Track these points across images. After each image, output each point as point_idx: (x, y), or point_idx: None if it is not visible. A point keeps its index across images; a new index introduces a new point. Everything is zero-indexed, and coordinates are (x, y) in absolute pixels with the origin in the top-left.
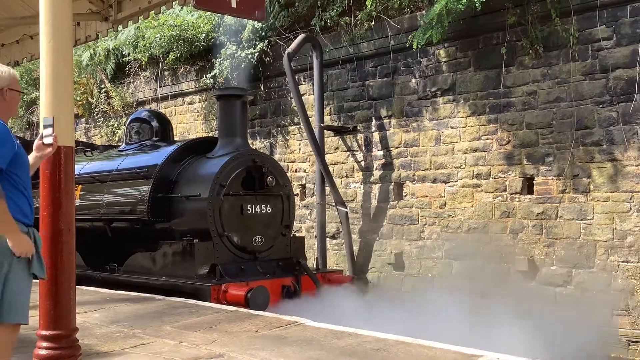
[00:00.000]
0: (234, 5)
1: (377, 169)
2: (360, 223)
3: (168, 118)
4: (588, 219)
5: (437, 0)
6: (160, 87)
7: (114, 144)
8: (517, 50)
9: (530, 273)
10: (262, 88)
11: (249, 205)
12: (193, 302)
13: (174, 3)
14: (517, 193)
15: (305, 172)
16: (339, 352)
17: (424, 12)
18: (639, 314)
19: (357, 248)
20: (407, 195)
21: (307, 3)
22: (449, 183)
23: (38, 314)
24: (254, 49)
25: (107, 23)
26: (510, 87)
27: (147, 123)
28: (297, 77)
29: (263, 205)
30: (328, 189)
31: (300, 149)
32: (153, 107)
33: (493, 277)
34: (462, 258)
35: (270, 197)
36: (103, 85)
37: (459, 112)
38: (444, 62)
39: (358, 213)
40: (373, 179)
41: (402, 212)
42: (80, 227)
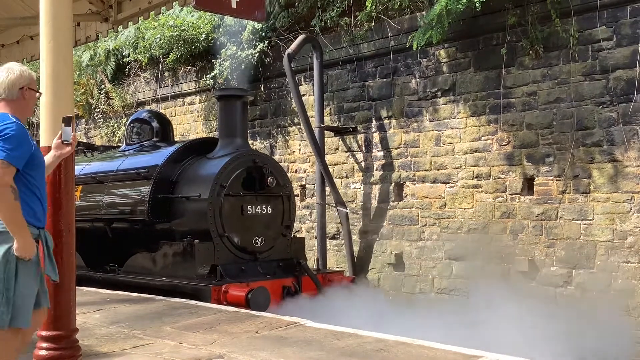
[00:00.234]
0: (234, 6)
1: (377, 170)
2: (361, 224)
3: (168, 119)
4: (588, 220)
5: (437, 1)
6: (161, 87)
7: (114, 145)
8: (517, 51)
9: (531, 273)
10: (262, 89)
11: (250, 206)
12: (193, 302)
13: (174, 4)
14: (517, 193)
15: (306, 172)
16: (339, 352)
17: (424, 12)
18: (639, 315)
19: (357, 249)
20: (407, 196)
21: (307, 4)
22: (449, 184)
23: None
24: (254, 50)
25: (107, 24)
26: (511, 87)
27: (147, 124)
28: (297, 77)
29: (263, 206)
30: (328, 190)
31: (301, 150)
32: (153, 107)
33: (493, 277)
34: (462, 259)
35: (271, 197)
36: (103, 86)
37: (459, 112)
38: (444, 62)
39: (358, 214)
40: (373, 180)
41: (402, 212)
42: (81, 227)
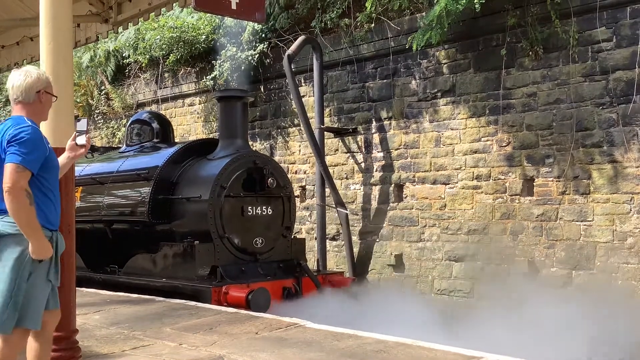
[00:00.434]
0: (234, 7)
1: (377, 171)
2: (360, 224)
3: (169, 120)
4: (588, 221)
5: (436, 2)
6: (161, 88)
7: (114, 146)
8: (517, 52)
9: (531, 274)
10: (262, 90)
11: (250, 207)
12: (193, 303)
13: (174, 5)
14: (517, 194)
15: (305, 173)
16: (339, 353)
17: (424, 13)
18: None
19: (357, 250)
20: (407, 197)
21: (307, 5)
22: (449, 184)
23: None
24: (254, 51)
25: (107, 25)
26: (510, 88)
27: (147, 125)
28: (297, 78)
29: (264, 207)
30: (328, 191)
31: (300, 151)
32: (153, 108)
33: (493, 278)
34: (462, 259)
35: (271, 198)
36: (103, 87)
37: (459, 113)
38: (444, 63)
39: (358, 214)
40: (373, 181)
41: (402, 213)
42: (81, 228)
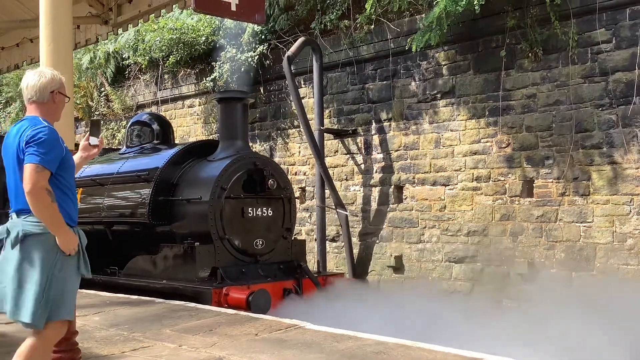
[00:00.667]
0: (234, 9)
1: (376, 172)
2: (360, 226)
3: (169, 121)
4: (588, 222)
5: (436, 4)
6: (160, 90)
7: (114, 147)
8: (516, 53)
9: (530, 276)
10: (262, 91)
11: (250, 208)
12: (193, 305)
13: (174, 6)
14: (517, 196)
15: (305, 175)
16: (339, 355)
17: (424, 15)
18: None
19: (357, 251)
20: (407, 198)
21: (307, 6)
22: (449, 186)
23: None
24: (254, 52)
25: (107, 26)
26: (510, 90)
27: (148, 126)
28: (296, 80)
29: (264, 208)
30: (328, 192)
31: (300, 152)
32: (153, 110)
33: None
34: (462, 261)
35: (272, 200)
36: (103, 89)
37: (459, 115)
38: (444, 65)
39: (358, 216)
40: (373, 182)
41: (402, 215)
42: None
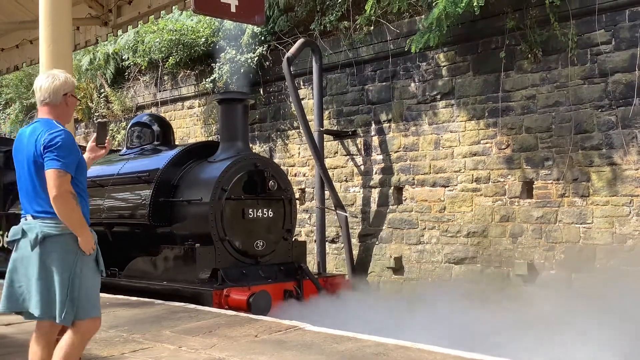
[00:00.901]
0: (234, 10)
1: (376, 173)
2: (360, 227)
3: (169, 122)
4: (587, 223)
5: (435, 5)
6: (160, 91)
7: (114, 148)
8: (516, 55)
9: (530, 277)
10: (261, 92)
11: (251, 210)
12: (192, 306)
13: (174, 8)
14: (516, 197)
15: (305, 176)
16: (339, 356)
17: (423, 16)
18: None
19: (356, 252)
20: (406, 200)
21: (306, 8)
22: (449, 187)
23: None
24: (254, 54)
25: (106, 28)
26: (510, 91)
27: (148, 127)
28: (296, 81)
29: (265, 210)
30: (327, 193)
31: (300, 153)
32: (153, 111)
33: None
34: (461, 262)
35: (272, 201)
36: (103, 90)
37: (458, 116)
38: (443, 66)
39: (357, 217)
40: (372, 183)
41: (401, 216)
42: None
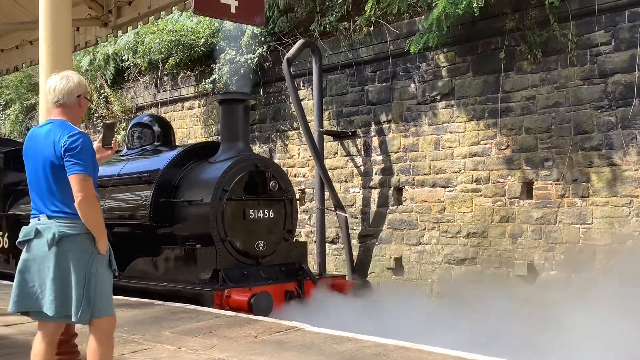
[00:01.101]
0: (234, 11)
1: (376, 174)
2: (360, 228)
3: (170, 123)
4: (587, 224)
5: (435, 5)
6: (160, 92)
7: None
8: (515, 55)
9: (530, 278)
10: (261, 93)
11: (252, 210)
12: (192, 307)
13: (174, 8)
14: (516, 198)
15: (305, 177)
16: (339, 357)
17: (423, 17)
18: None
19: (356, 253)
20: (406, 200)
21: (306, 8)
22: (448, 188)
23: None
24: (254, 54)
25: (106, 28)
26: (509, 92)
27: (148, 128)
28: (296, 82)
29: (265, 210)
30: (327, 194)
31: (300, 154)
32: (153, 112)
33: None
34: (461, 263)
35: (273, 201)
36: (102, 91)
37: (458, 117)
38: (443, 67)
39: (357, 218)
40: (372, 184)
41: (401, 216)
42: None
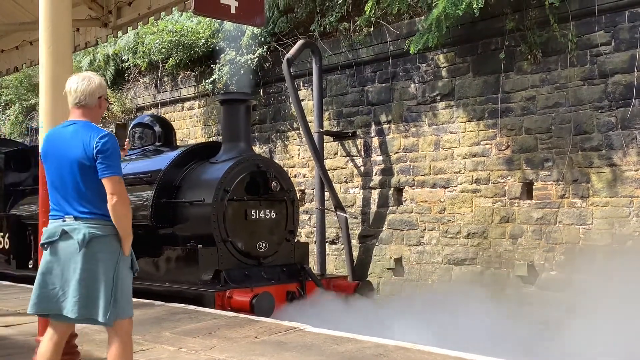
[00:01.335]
0: (234, 11)
1: (376, 174)
2: (360, 228)
3: (171, 123)
4: (587, 224)
5: (435, 6)
6: (160, 92)
7: None
8: (515, 56)
9: (530, 278)
10: (261, 93)
11: (253, 211)
12: (192, 307)
13: (174, 9)
14: (516, 198)
15: (305, 177)
16: (339, 357)
17: (423, 17)
18: None
19: (356, 253)
20: (406, 201)
21: (306, 9)
22: (449, 188)
23: (37, 320)
24: (254, 55)
25: (106, 29)
26: (509, 92)
27: (149, 128)
28: (296, 82)
29: (267, 211)
30: (327, 194)
31: (300, 154)
32: (153, 112)
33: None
34: (461, 263)
35: (275, 202)
36: None
37: (458, 117)
38: (443, 67)
39: (357, 218)
40: (372, 184)
41: (401, 217)
42: None
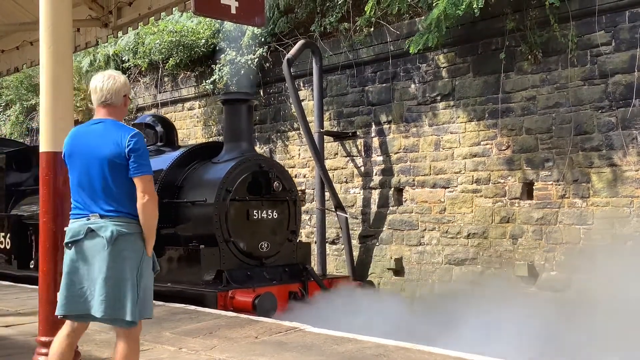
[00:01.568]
0: (234, 12)
1: (376, 175)
2: (360, 228)
3: (172, 123)
4: (588, 224)
5: (435, 6)
6: (160, 92)
7: None
8: (516, 56)
9: (530, 278)
10: (261, 94)
11: (255, 211)
12: (193, 308)
13: (174, 9)
14: (516, 198)
15: (305, 177)
16: (339, 357)
17: (423, 17)
18: None
19: (357, 253)
20: (406, 201)
21: (306, 9)
22: (449, 188)
23: (38, 320)
24: (254, 55)
25: (106, 29)
26: (510, 92)
27: (151, 128)
28: (296, 82)
29: (269, 211)
30: (328, 195)
31: (300, 155)
32: (153, 112)
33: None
34: (462, 263)
35: (277, 202)
36: None
37: (459, 117)
38: (443, 67)
39: (358, 218)
40: (373, 185)
41: (401, 217)
42: None
